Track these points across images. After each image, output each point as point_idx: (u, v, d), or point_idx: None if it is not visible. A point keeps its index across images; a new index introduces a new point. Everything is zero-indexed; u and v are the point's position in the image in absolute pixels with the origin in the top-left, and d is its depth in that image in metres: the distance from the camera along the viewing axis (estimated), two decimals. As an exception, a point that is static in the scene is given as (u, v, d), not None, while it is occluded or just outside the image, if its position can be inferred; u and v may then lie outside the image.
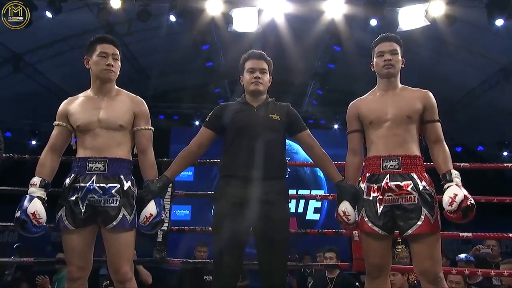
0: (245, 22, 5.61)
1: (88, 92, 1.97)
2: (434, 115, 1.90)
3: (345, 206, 1.86)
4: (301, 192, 9.01)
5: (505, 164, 2.59)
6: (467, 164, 2.46)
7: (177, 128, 10.47)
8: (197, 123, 10.34)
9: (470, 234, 2.40)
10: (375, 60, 1.96)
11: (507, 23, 5.53)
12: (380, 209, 1.80)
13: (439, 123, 1.91)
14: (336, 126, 10.01)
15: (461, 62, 7.68)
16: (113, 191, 1.80)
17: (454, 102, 9.09)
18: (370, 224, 1.82)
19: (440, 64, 7.55)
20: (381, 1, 5.53)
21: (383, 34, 1.99)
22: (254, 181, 1.83)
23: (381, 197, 1.81)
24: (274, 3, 5.61)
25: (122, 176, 1.86)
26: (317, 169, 8.95)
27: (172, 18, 5.74)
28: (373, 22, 5.79)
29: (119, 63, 1.94)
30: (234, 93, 9.37)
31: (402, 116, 1.86)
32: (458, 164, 2.42)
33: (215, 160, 2.38)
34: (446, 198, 1.74)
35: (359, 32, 6.58)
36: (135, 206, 1.88)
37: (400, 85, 1.96)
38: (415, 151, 1.86)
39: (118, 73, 1.95)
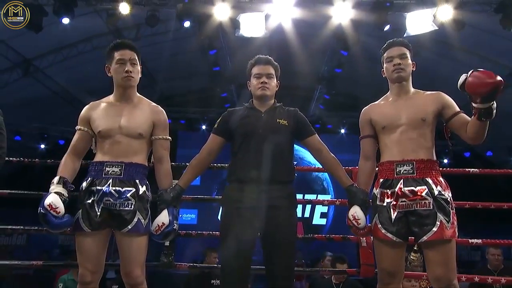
0: (252, 27, 5.64)
1: (111, 98, 2.00)
2: (455, 108, 1.86)
3: (355, 211, 1.84)
4: (307, 196, 8.99)
5: (515, 170, 2.55)
6: (476, 170, 2.43)
7: (183, 132, 10.51)
8: (203, 127, 10.38)
9: (479, 241, 2.37)
10: (385, 65, 1.94)
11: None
12: (394, 215, 1.77)
13: (463, 113, 1.84)
14: (343, 131, 9.97)
15: (470, 67, 7.60)
16: (128, 195, 1.83)
17: (462, 106, 9.01)
18: (383, 231, 1.79)
19: (448, 68, 7.49)
20: (389, 6, 5.52)
21: (391, 40, 1.97)
22: (262, 186, 1.84)
23: (394, 203, 1.78)
24: (281, 8, 5.63)
25: (137, 181, 1.88)
26: (325, 173, 8.95)
27: (180, 22, 5.78)
28: (381, 27, 5.78)
29: (139, 68, 1.96)
30: (240, 97, 9.39)
31: (416, 120, 1.83)
32: (467, 170, 2.42)
33: (222, 165, 2.38)
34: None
35: (366, 37, 6.57)
36: (149, 211, 1.90)
37: (412, 89, 1.94)
38: (430, 155, 1.82)
39: (139, 77, 1.96)
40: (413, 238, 1.81)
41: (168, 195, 1.87)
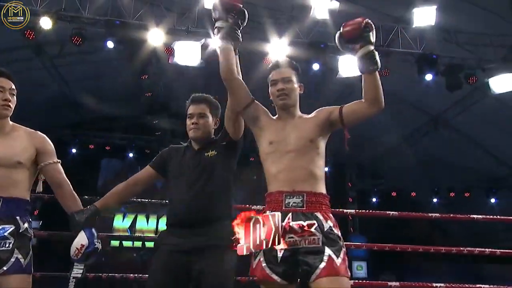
0: (187, 55, 5.68)
1: None
2: (337, 108, 1.80)
3: None
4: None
5: (430, 214, 2.80)
6: (395, 212, 2.63)
7: (107, 160, 10.02)
8: (130, 155, 9.98)
9: (397, 284, 2.50)
10: (270, 89, 1.88)
11: (436, 77, 6.21)
12: (280, 253, 1.61)
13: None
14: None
15: (396, 110, 8.38)
16: (6, 233, 1.73)
17: (389, 148, 9.79)
18: (268, 271, 1.63)
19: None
20: (323, 48, 5.93)
21: (276, 61, 1.93)
22: (193, 228, 1.80)
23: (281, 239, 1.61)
24: (218, 40, 5.75)
25: (18, 217, 1.79)
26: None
27: (110, 44, 5.64)
28: (315, 66, 6.16)
29: (15, 99, 1.91)
30: (173, 126, 9.25)
31: (305, 143, 1.74)
32: (388, 212, 2.62)
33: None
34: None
35: (301, 74, 6.93)
36: (31, 249, 1.81)
37: (299, 113, 1.87)
38: (321, 188, 1.73)
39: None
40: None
41: (80, 216, 1.82)
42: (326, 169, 10.98)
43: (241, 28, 1.84)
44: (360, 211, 3.30)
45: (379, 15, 6.30)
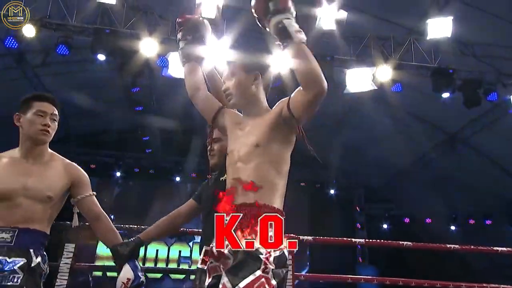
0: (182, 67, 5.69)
1: (16, 152, 1.93)
2: (287, 99, 1.58)
3: None
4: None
5: (448, 245, 2.74)
6: (410, 243, 2.58)
7: (93, 179, 9.92)
8: (118, 174, 9.93)
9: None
10: None
11: (452, 93, 6.21)
12: (208, 281, 1.51)
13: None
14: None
15: (408, 128, 8.36)
16: (15, 267, 1.72)
17: (401, 169, 9.73)
18: None
19: (388, 127, 8.12)
20: (329, 60, 5.96)
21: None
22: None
23: (209, 264, 1.55)
24: (216, 51, 5.77)
25: (32, 250, 1.78)
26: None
27: (99, 55, 5.65)
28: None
29: (57, 124, 1.97)
30: (165, 143, 9.23)
31: (250, 148, 1.57)
32: (401, 242, 2.57)
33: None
34: None
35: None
36: (41, 287, 1.81)
37: (259, 112, 1.69)
38: (260, 198, 1.51)
39: (53, 135, 1.97)
40: None
41: (124, 249, 1.89)
42: (332, 191, 11.02)
43: (205, 40, 1.88)
44: (371, 240, 3.24)
45: (391, 25, 6.35)
